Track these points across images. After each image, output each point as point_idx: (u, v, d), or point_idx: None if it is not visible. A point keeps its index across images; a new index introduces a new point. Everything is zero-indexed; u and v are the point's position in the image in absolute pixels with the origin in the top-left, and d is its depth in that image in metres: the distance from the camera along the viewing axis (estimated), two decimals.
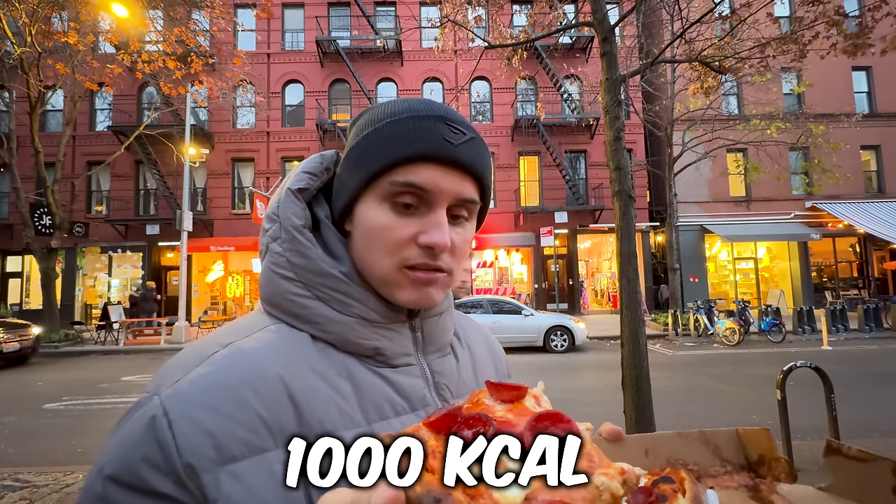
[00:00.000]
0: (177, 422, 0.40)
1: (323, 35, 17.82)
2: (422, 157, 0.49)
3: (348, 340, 0.51)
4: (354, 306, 0.51)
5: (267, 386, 0.44)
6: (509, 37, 6.53)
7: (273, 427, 0.43)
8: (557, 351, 10.21)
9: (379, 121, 0.52)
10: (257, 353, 0.46)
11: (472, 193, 0.52)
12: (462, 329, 0.68)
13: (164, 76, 11.61)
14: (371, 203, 0.51)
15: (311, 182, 0.56)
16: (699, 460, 0.41)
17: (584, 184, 17.95)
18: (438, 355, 0.58)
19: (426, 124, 0.50)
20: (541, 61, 17.34)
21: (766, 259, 18.04)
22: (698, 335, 11.98)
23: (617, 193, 3.72)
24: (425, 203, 0.50)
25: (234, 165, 17.99)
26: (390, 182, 0.49)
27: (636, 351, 3.56)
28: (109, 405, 6.52)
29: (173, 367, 0.46)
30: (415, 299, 0.51)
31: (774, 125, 13.07)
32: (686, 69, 8.73)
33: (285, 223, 0.52)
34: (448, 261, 0.51)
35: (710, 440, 0.41)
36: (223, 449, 0.40)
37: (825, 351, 9.65)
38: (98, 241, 17.03)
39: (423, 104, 0.52)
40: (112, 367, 9.48)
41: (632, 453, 0.41)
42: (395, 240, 0.50)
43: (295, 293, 0.51)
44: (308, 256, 0.51)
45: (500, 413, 0.31)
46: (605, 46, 3.87)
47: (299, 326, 0.51)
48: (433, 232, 0.49)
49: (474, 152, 0.52)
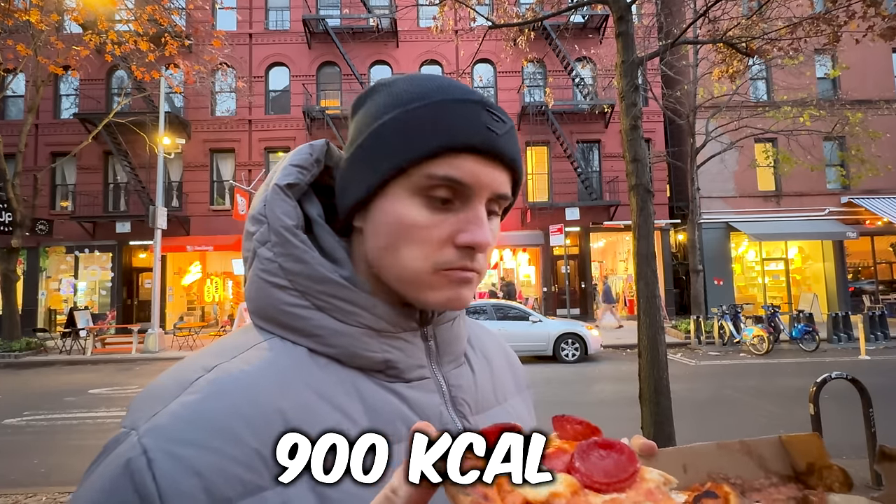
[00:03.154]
0: (158, 462, 0.38)
1: (310, 13, 17.83)
2: (465, 148, 0.47)
3: (355, 354, 0.49)
4: (361, 315, 0.49)
5: (261, 415, 0.42)
6: (515, 15, 6.53)
7: (270, 462, 0.40)
8: (568, 361, 10.22)
9: (406, 103, 0.49)
10: (248, 376, 0.44)
11: (507, 188, 0.51)
12: (476, 337, 0.66)
13: (136, 59, 11.61)
14: (398, 196, 0.49)
15: (301, 176, 0.53)
16: (742, 473, 0.41)
17: (597, 177, 17.97)
18: (454, 366, 0.57)
19: (468, 110, 0.48)
20: (550, 42, 17.35)
21: (797, 260, 18.05)
22: (723, 343, 11.99)
23: (634, 188, 3.73)
24: (462, 198, 0.49)
25: (213, 157, 18.00)
26: (427, 174, 0.47)
27: (655, 361, 3.57)
28: (76, 420, 6.53)
29: (151, 397, 0.43)
30: (448, 300, 0.50)
31: (807, 112, 13.09)
32: (710, 51, 8.72)
33: (275, 224, 0.50)
34: (482, 261, 0.51)
35: (754, 451, 0.41)
36: (214, 491, 0.38)
37: (863, 361, 9.66)
38: (63, 241, 17.04)
39: (455, 85, 0.50)
40: (78, 379, 9.49)
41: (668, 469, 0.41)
42: (431, 239, 0.48)
43: (290, 303, 0.49)
44: (304, 261, 0.49)
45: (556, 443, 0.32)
46: (620, 26, 3.87)
47: (296, 341, 0.49)
48: (475, 230, 0.48)
49: (514, 143, 0.51)
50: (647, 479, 0.27)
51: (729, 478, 0.41)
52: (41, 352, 12.77)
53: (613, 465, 0.28)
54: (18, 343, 12.44)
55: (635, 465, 0.28)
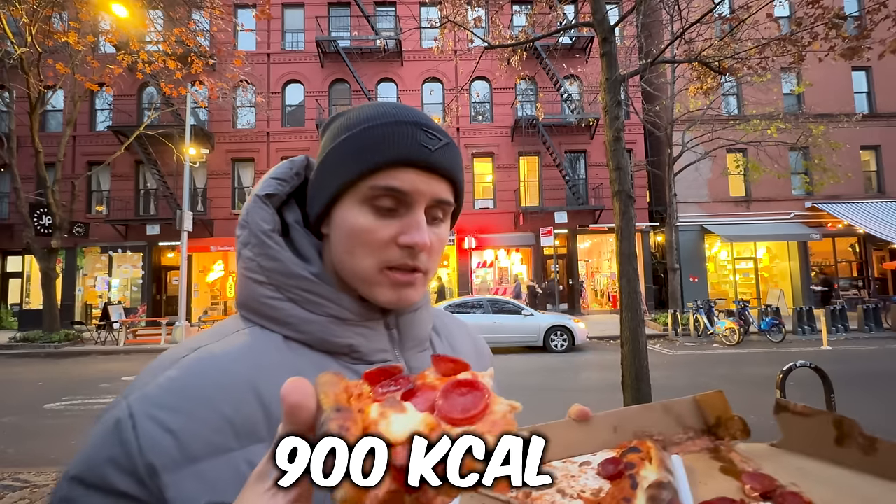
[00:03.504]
0: (140, 422, 0.42)
1: (323, 35, 17.82)
2: (401, 162, 0.50)
3: (323, 339, 0.52)
4: (326, 306, 0.52)
5: (234, 388, 0.45)
6: (509, 37, 6.54)
7: (240, 428, 0.44)
8: (557, 351, 10.22)
9: (355, 126, 0.52)
10: (227, 356, 0.47)
11: (447, 195, 0.53)
12: (444, 325, 0.68)
13: (165, 76, 11.61)
14: (350, 206, 0.51)
15: (280, 187, 0.57)
16: (664, 430, 0.43)
17: (583, 184, 17.95)
18: (416, 351, 0.59)
19: (404, 130, 0.51)
20: (541, 61, 17.34)
21: (765, 259, 18.05)
22: (698, 335, 11.99)
23: (617, 193, 3.73)
24: (404, 205, 0.51)
25: (235, 165, 17.99)
26: (370, 186, 0.50)
27: (636, 351, 3.57)
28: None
29: (146, 372, 0.47)
30: (395, 300, 0.52)
31: (774, 125, 13.09)
32: (686, 69, 8.72)
33: (254, 228, 0.54)
34: (425, 260, 0.53)
35: (672, 410, 0.44)
36: (185, 448, 0.41)
37: (825, 351, 9.66)
38: (98, 241, 17.03)
39: (398, 109, 0.53)
40: (112, 367, 9.48)
41: (601, 431, 0.43)
42: (376, 241, 0.51)
43: (267, 296, 0.52)
44: (278, 259, 0.52)
45: (430, 379, 0.32)
46: (604, 46, 3.87)
47: (273, 328, 0.52)
48: (413, 232, 0.50)
49: (449, 157, 0.53)
50: (495, 411, 0.28)
51: (653, 434, 0.43)
52: (78, 343, 12.75)
53: (470, 401, 0.28)
54: (58, 335, 12.43)
55: (486, 399, 0.29)
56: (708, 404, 0.43)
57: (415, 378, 0.32)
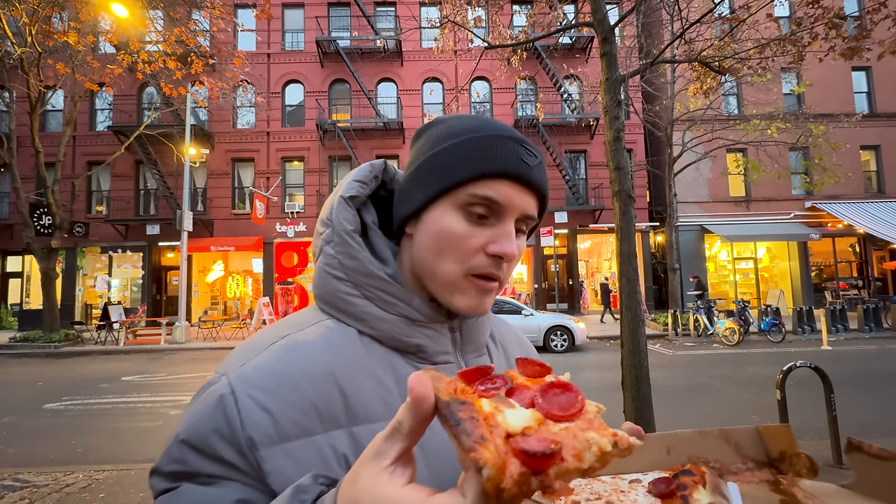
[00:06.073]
0: (241, 399, 0.46)
1: (323, 35, 17.81)
2: (502, 175, 0.52)
3: (393, 337, 0.55)
4: (399, 305, 0.55)
5: (318, 375, 0.49)
6: (509, 37, 6.53)
7: (322, 413, 0.48)
8: (557, 351, 10.22)
9: (461, 134, 0.54)
10: (311, 345, 0.52)
11: (534, 211, 0.56)
12: (497, 330, 0.71)
13: (165, 76, 11.62)
14: (445, 209, 0.54)
15: (362, 190, 0.60)
16: (720, 457, 0.42)
17: (583, 184, 17.95)
18: (475, 355, 0.62)
19: (508, 145, 0.53)
20: (541, 61, 17.34)
21: (765, 259, 18.04)
22: (698, 335, 11.98)
23: (617, 193, 3.73)
24: (496, 215, 0.53)
25: (235, 165, 17.98)
26: (469, 193, 0.52)
27: (636, 351, 3.57)
28: (110, 405, 6.52)
29: (239, 354, 0.52)
30: (473, 306, 0.54)
31: (774, 125, 13.07)
32: (686, 69, 8.72)
33: (338, 228, 0.57)
34: (506, 270, 0.55)
35: (731, 438, 0.42)
36: (279, 427, 0.46)
37: (825, 351, 9.65)
38: (98, 241, 17.03)
39: (502, 125, 0.56)
40: (112, 367, 9.48)
41: (653, 451, 0.41)
42: (468, 247, 0.53)
43: (345, 292, 0.55)
44: (357, 259, 0.55)
45: (520, 380, 0.34)
46: (604, 46, 3.87)
47: (349, 322, 0.55)
48: (504, 242, 0.52)
49: (543, 174, 0.56)
50: (588, 411, 0.31)
51: (708, 461, 0.42)
52: (78, 342, 12.75)
53: (566, 401, 0.31)
54: (58, 335, 12.43)
55: (581, 400, 0.31)
56: (772, 437, 0.42)
57: (509, 377, 0.35)
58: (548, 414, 0.30)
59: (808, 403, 4.70)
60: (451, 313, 0.58)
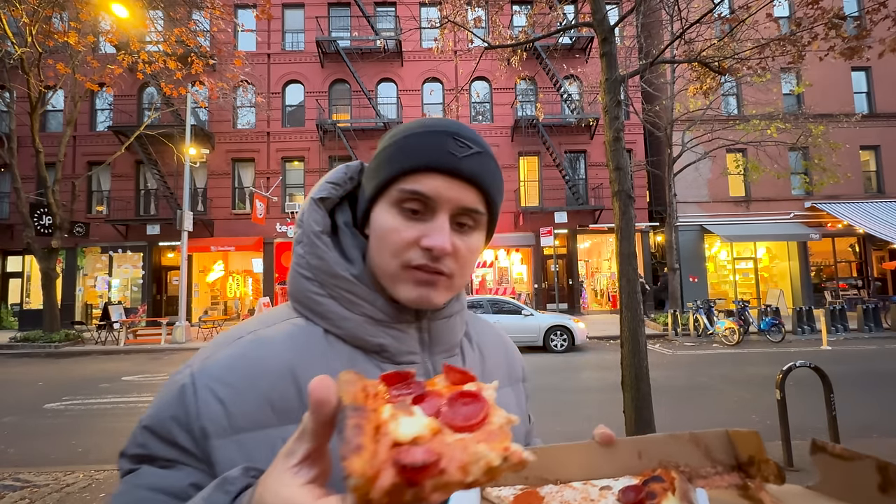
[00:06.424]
0: (199, 390, 0.49)
1: (323, 35, 17.81)
2: (426, 168, 0.53)
3: (356, 336, 0.56)
4: (362, 306, 0.56)
5: (277, 371, 0.51)
6: (509, 37, 6.53)
7: (277, 407, 0.49)
8: (557, 351, 10.21)
9: (397, 135, 0.56)
10: (274, 342, 0.53)
11: (474, 203, 0.55)
12: (476, 331, 0.70)
13: (165, 76, 11.62)
14: (383, 208, 0.55)
15: (334, 191, 0.61)
16: (690, 461, 0.42)
17: (583, 184, 17.95)
18: (446, 355, 0.62)
19: (434, 138, 0.54)
20: (540, 62, 17.34)
21: (765, 259, 18.04)
22: (698, 335, 11.98)
23: (617, 193, 3.73)
24: (429, 210, 0.54)
25: (235, 165, 17.99)
26: (399, 189, 0.54)
27: (636, 351, 3.57)
28: (110, 405, 6.52)
29: (209, 347, 0.54)
30: (415, 298, 0.54)
31: (774, 125, 13.07)
32: (685, 70, 8.73)
33: (307, 229, 0.59)
34: (450, 265, 0.54)
35: (701, 441, 0.42)
36: (232, 419, 0.48)
37: (824, 351, 9.65)
38: (98, 241, 17.03)
39: (437, 121, 0.56)
40: (112, 367, 9.48)
41: (624, 456, 0.42)
42: (400, 241, 0.53)
43: (313, 291, 0.57)
44: (324, 259, 0.57)
45: (438, 387, 0.34)
46: (604, 47, 3.87)
47: (316, 321, 0.57)
48: (434, 235, 0.53)
49: (479, 165, 0.55)
50: (493, 422, 0.30)
51: (679, 465, 0.42)
52: (78, 342, 12.75)
53: (471, 411, 0.31)
54: (58, 334, 12.43)
55: (486, 410, 0.31)
56: (741, 441, 0.42)
57: (425, 384, 0.35)
58: (449, 423, 0.30)
59: (808, 403, 4.70)
60: (420, 314, 0.59)
